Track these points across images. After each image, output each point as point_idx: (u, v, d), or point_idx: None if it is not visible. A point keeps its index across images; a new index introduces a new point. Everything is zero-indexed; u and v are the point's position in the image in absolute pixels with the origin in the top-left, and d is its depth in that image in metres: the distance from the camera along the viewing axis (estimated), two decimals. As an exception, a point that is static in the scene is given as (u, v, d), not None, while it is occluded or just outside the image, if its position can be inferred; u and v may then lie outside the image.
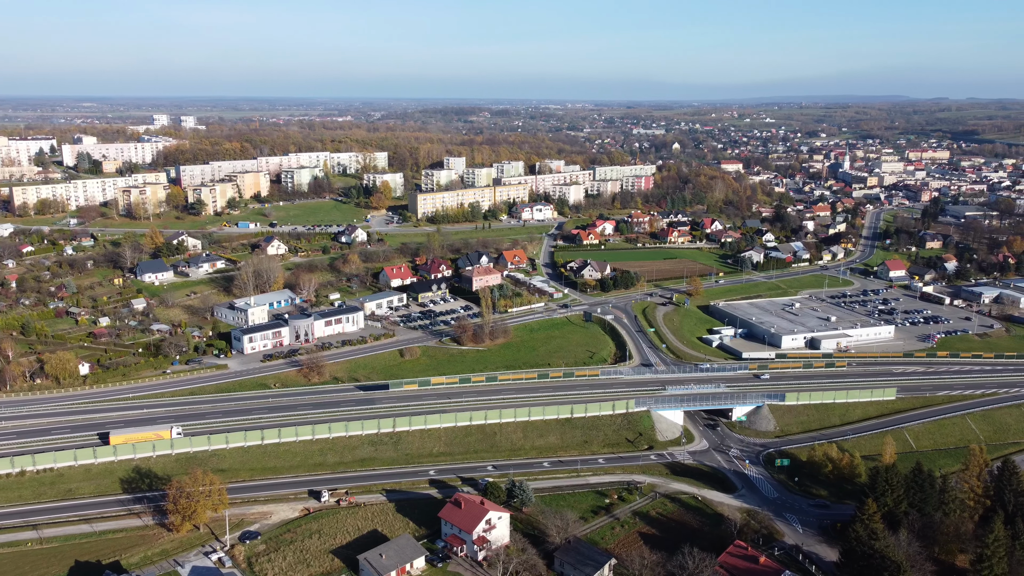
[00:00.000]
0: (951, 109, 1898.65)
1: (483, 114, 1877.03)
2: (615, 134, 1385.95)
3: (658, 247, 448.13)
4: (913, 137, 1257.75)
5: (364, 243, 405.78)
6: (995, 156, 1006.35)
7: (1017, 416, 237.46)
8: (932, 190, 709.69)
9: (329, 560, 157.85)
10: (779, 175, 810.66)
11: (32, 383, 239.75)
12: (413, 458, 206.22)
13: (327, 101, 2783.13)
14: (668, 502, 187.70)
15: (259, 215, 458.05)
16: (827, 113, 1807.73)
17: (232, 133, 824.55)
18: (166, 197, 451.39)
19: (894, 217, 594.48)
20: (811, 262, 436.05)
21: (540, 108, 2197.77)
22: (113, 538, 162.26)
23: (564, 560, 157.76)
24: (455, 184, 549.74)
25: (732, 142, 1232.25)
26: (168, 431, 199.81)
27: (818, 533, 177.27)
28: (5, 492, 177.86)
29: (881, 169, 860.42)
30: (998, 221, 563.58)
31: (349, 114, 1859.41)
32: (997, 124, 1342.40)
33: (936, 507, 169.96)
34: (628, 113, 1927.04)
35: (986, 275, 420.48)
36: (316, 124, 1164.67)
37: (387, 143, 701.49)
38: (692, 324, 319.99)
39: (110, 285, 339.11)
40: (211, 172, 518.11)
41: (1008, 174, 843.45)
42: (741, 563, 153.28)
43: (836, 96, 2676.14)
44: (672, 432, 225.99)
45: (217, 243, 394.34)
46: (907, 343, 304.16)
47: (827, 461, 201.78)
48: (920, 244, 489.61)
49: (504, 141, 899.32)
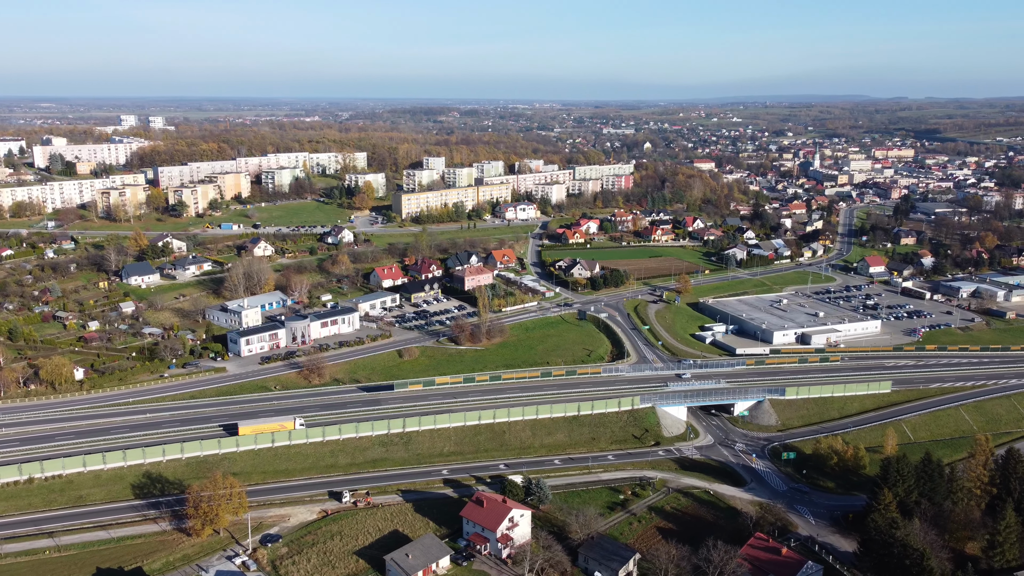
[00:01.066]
0: (912, 108, 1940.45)
1: (452, 114, 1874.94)
2: (586, 134, 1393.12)
3: (643, 245, 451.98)
4: (878, 136, 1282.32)
5: (351, 244, 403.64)
6: (958, 154, 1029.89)
7: (1008, 407, 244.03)
8: (901, 188, 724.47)
9: (354, 561, 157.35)
10: (752, 174, 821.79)
11: (27, 389, 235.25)
12: (424, 458, 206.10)
13: (293, 101, 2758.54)
14: (681, 497, 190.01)
15: (242, 216, 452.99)
16: (792, 113, 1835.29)
17: (204, 133, 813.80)
18: (146, 199, 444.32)
19: (867, 214, 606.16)
20: (792, 259, 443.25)
21: (509, 108, 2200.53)
22: (132, 544, 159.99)
23: (589, 556, 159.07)
24: (437, 184, 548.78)
25: (702, 141, 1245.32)
26: (292, 422, 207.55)
27: (830, 524, 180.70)
28: (15, 500, 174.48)
29: (850, 167, 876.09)
30: (967, 218, 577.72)
31: (316, 114, 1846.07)
32: (958, 123, 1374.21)
33: (945, 496, 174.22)
34: (597, 113, 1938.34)
35: (961, 270, 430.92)
36: (286, 124, 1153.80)
37: (364, 143, 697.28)
38: (684, 321, 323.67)
39: (95, 288, 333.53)
40: (189, 173, 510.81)
41: (972, 172, 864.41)
42: (763, 555, 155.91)
43: (799, 96, 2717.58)
44: (677, 428, 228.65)
45: (202, 245, 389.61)
46: (893, 337, 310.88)
47: (832, 453, 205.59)
48: (895, 240, 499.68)
49: (478, 141, 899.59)
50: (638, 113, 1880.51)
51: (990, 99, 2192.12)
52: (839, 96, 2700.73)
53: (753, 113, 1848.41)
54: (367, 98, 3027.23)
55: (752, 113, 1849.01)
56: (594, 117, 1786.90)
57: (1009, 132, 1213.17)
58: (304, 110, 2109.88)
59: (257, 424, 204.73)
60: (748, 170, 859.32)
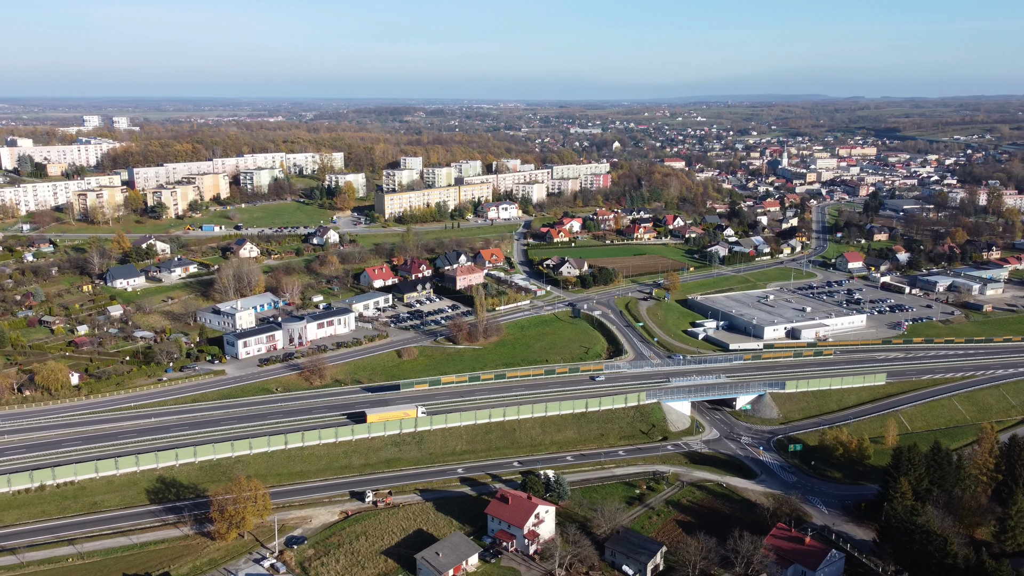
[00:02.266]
0: (870, 107, 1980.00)
1: (418, 114, 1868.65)
2: (553, 133, 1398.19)
3: (626, 244, 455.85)
4: (840, 134, 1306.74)
5: (337, 244, 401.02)
6: (918, 152, 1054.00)
7: (997, 396, 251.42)
8: (869, 185, 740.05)
9: (383, 561, 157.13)
10: (723, 172, 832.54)
11: (21, 396, 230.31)
12: (437, 457, 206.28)
13: (254, 101, 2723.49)
14: (696, 490, 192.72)
15: (222, 218, 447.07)
16: (754, 112, 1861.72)
17: (172, 134, 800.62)
18: (124, 200, 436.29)
19: (839, 211, 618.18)
20: (772, 255, 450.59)
21: (474, 108, 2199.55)
22: (156, 550, 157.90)
23: (616, 550, 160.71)
24: (417, 184, 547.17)
25: (669, 140, 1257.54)
26: (415, 409, 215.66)
27: (843, 513, 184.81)
28: (28, 508, 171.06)
29: (816, 165, 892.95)
30: (935, 214, 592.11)
31: (280, 114, 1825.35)
32: (916, 122, 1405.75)
33: (953, 483, 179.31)
34: (562, 112, 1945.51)
35: (935, 265, 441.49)
36: (253, 125, 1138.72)
37: (340, 144, 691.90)
38: (675, 318, 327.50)
39: (79, 292, 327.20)
40: (165, 174, 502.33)
41: (934, 169, 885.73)
42: (787, 544, 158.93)
43: (760, 96, 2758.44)
44: (682, 423, 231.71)
45: (185, 247, 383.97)
46: (879, 331, 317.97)
47: (838, 445, 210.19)
48: (868, 237, 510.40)
49: (450, 141, 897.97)
50: (603, 113, 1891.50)
51: (944, 98, 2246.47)
52: (798, 96, 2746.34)
53: (716, 112, 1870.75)
54: (330, 98, 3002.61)
55: (715, 112, 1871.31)
56: (560, 117, 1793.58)
57: (966, 131, 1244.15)
58: (267, 110, 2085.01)
59: (384, 412, 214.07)
60: (718, 169, 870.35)
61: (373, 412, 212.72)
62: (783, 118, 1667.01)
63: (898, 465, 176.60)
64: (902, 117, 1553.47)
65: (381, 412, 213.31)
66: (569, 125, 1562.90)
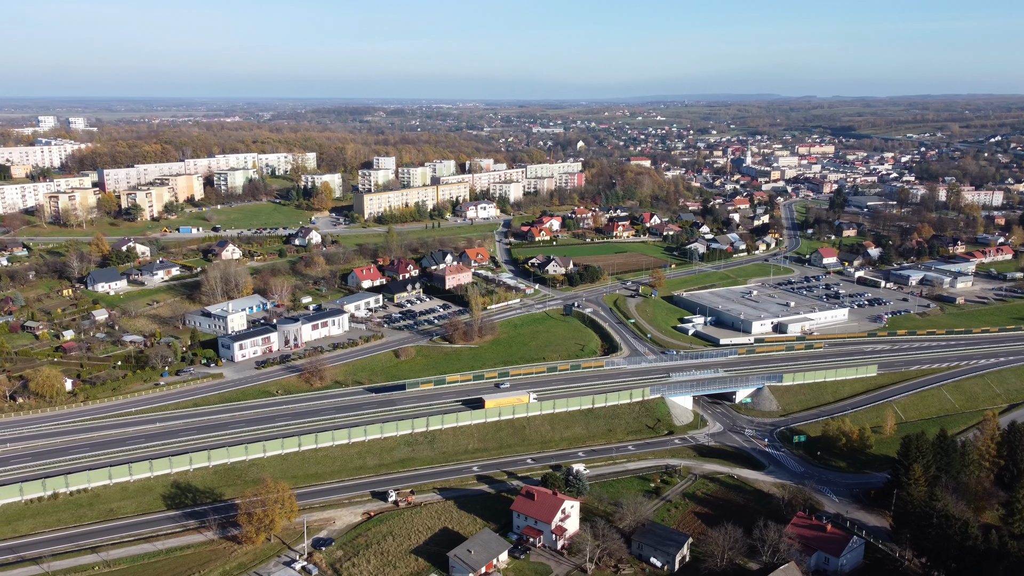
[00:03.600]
0: (823, 106, 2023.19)
1: (379, 114, 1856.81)
2: (516, 133, 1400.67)
3: (607, 242, 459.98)
4: (797, 133, 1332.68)
5: (319, 245, 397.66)
6: (874, 150, 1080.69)
7: (983, 385, 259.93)
8: (831, 183, 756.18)
9: (413, 560, 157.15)
10: (689, 171, 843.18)
11: (15, 403, 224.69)
12: (450, 456, 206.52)
13: (208, 101, 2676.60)
14: (708, 482, 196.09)
15: (199, 219, 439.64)
16: (712, 111, 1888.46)
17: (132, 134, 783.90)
18: (97, 202, 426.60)
19: (806, 208, 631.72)
20: (749, 252, 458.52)
21: (434, 108, 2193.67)
22: (183, 555, 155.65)
23: (643, 542, 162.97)
24: (393, 184, 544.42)
25: (632, 140, 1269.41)
26: (527, 396, 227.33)
27: (853, 501, 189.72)
28: (43, 516, 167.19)
29: (779, 164, 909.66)
30: (899, 210, 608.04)
31: (236, 114, 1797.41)
32: (870, 120, 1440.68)
33: (959, 470, 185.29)
34: (522, 112, 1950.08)
35: (905, 259, 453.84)
36: (214, 125, 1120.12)
37: (310, 144, 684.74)
38: (664, 314, 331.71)
39: (59, 297, 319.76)
40: (136, 176, 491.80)
41: (892, 166, 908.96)
42: (809, 532, 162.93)
43: (716, 95, 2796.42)
44: (686, 417, 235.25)
45: (164, 249, 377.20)
46: (861, 324, 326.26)
47: (841, 435, 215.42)
48: (837, 233, 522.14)
49: (418, 140, 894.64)
50: (563, 112, 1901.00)
51: (892, 97, 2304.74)
52: (753, 95, 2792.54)
53: (675, 112, 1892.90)
54: (285, 98, 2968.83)
55: (674, 112, 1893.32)
56: (521, 116, 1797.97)
57: (918, 129, 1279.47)
58: (223, 111, 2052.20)
59: (500, 397, 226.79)
60: (684, 167, 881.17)
61: (491, 398, 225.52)
62: (740, 117, 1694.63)
63: (907, 453, 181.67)
64: (855, 116, 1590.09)
65: (497, 398, 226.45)
66: (531, 125, 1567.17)
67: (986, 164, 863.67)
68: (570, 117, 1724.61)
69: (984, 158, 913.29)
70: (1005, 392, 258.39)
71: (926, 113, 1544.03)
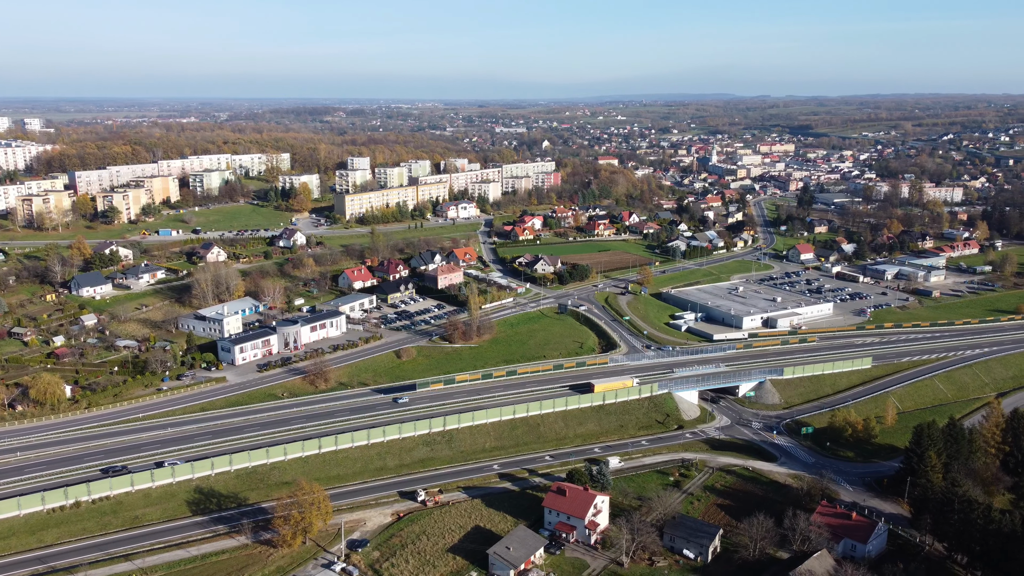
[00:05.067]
0: (779, 106, 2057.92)
1: (338, 114, 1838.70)
2: (480, 132, 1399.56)
3: (589, 240, 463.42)
4: (756, 132, 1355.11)
5: (304, 247, 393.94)
6: (833, 148, 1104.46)
7: (971, 375, 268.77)
8: (797, 180, 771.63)
9: (451, 559, 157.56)
10: (657, 170, 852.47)
11: (15, 411, 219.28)
12: (469, 455, 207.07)
13: (161, 102, 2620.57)
14: (725, 475, 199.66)
15: (177, 222, 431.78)
16: (671, 111, 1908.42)
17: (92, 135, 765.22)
18: (72, 205, 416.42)
19: (775, 206, 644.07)
20: (727, 249, 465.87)
21: (393, 107, 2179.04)
22: (219, 561, 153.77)
23: (675, 535, 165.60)
24: (370, 185, 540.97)
25: (596, 139, 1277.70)
26: (631, 380, 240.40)
27: (866, 490, 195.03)
28: (67, 526, 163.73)
29: (743, 162, 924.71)
30: (865, 206, 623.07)
31: (192, 115, 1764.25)
32: (826, 120, 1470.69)
33: (967, 456, 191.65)
34: (483, 112, 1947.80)
35: (878, 254, 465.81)
36: (174, 126, 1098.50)
37: (282, 144, 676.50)
38: (655, 311, 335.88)
39: (43, 302, 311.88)
40: (109, 178, 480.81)
41: (852, 164, 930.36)
42: (835, 520, 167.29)
43: (673, 95, 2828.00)
44: (693, 412, 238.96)
45: (147, 252, 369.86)
46: (846, 318, 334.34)
47: (847, 425, 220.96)
48: (809, 229, 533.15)
49: (385, 140, 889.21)
50: (524, 112, 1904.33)
51: (844, 97, 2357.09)
52: (709, 95, 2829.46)
53: (635, 112, 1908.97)
54: (240, 98, 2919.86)
55: (634, 111, 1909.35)
56: (482, 116, 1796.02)
57: (873, 127, 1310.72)
58: (176, 111, 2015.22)
59: (608, 382, 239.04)
60: (651, 166, 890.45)
61: (600, 383, 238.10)
62: (699, 116, 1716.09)
63: (919, 441, 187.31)
64: (811, 115, 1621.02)
65: (606, 383, 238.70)
66: (494, 124, 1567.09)
67: (941, 161, 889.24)
68: (532, 117, 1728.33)
69: (939, 155, 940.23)
70: (993, 381, 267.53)
71: (879, 112, 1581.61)
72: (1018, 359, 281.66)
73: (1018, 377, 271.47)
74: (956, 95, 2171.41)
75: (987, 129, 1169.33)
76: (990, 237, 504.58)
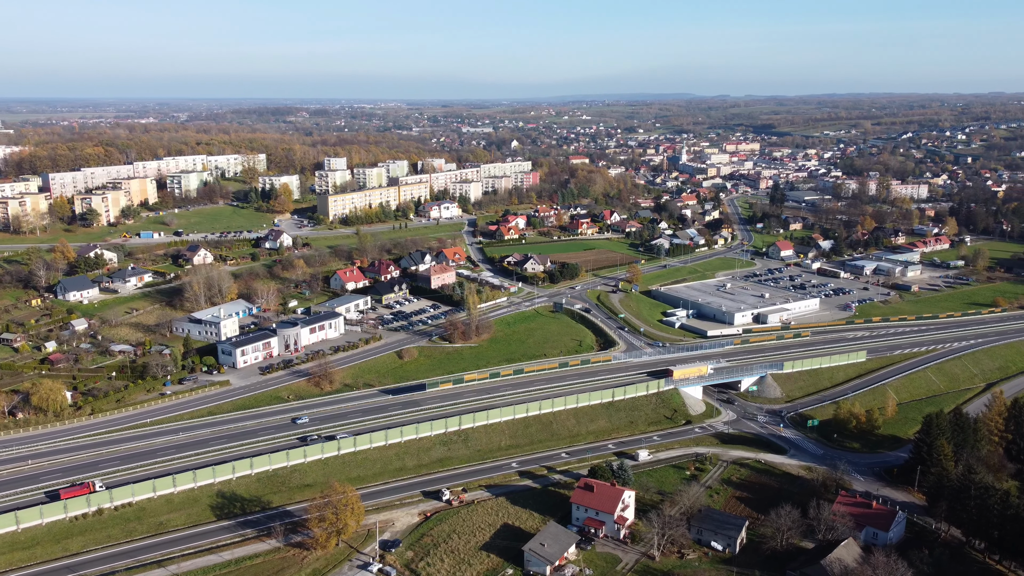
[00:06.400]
0: (739, 105, 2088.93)
1: (301, 114, 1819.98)
2: (447, 132, 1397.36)
3: (574, 239, 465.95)
4: (721, 131, 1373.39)
5: (291, 248, 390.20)
6: (797, 147, 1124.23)
7: (961, 366, 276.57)
8: (767, 178, 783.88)
9: (485, 557, 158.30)
10: (628, 169, 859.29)
11: (15, 418, 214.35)
12: (485, 453, 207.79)
13: (116, 102, 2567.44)
14: (739, 468, 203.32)
15: (158, 224, 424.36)
16: (634, 110, 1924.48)
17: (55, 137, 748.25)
18: (49, 208, 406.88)
19: (749, 204, 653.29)
20: (709, 247, 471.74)
21: (356, 107, 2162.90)
22: (253, 565, 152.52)
23: (702, 527, 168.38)
24: (351, 185, 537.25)
25: (564, 139, 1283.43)
26: (705, 367, 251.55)
27: (876, 479, 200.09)
28: (92, 533, 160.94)
29: (712, 161, 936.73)
30: (835, 203, 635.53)
31: (150, 115, 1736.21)
32: (788, 119, 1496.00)
33: (973, 444, 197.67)
34: (448, 112, 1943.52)
35: (854, 251, 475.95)
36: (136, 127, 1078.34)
37: (256, 145, 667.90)
38: (647, 308, 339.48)
39: (28, 307, 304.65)
40: (83, 179, 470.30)
41: (818, 163, 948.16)
42: (856, 509, 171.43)
43: (636, 94, 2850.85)
44: (699, 407, 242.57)
45: (131, 255, 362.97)
46: (832, 313, 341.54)
47: (851, 417, 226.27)
48: (785, 227, 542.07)
49: (355, 140, 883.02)
50: (489, 112, 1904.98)
51: (803, 96, 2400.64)
52: (670, 95, 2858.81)
53: (599, 111, 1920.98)
54: (198, 98, 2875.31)
55: (598, 111, 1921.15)
56: (447, 116, 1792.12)
57: (833, 126, 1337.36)
58: (134, 111, 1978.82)
59: (686, 368, 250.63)
60: (622, 166, 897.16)
61: (678, 368, 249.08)
62: (663, 116, 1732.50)
63: (929, 430, 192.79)
64: (772, 114, 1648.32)
65: (684, 368, 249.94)
66: (459, 124, 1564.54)
67: (903, 159, 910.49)
68: (497, 116, 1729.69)
69: (900, 154, 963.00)
70: (981, 372, 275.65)
71: (838, 111, 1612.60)
72: (1003, 350, 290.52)
73: (1004, 368, 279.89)
74: (909, 94, 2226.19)
75: (944, 128, 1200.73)
76: (959, 233, 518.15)
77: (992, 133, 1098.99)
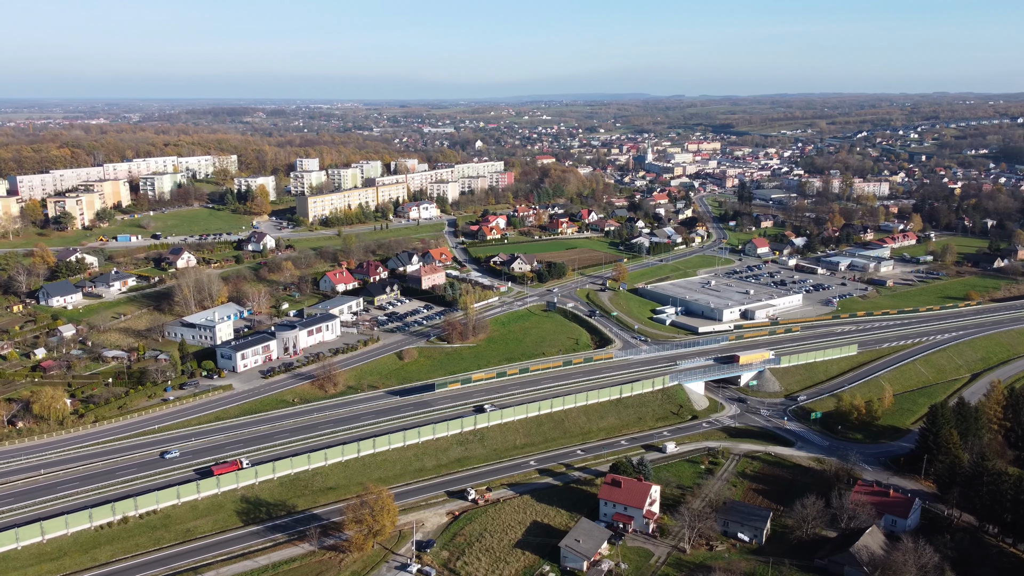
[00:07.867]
0: (695, 105, 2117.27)
1: (258, 114, 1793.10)
2: (408, 133, 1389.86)
3: (554, 238, 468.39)
4: (681, 131, 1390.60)
5: (275, 250, 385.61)
6: (756, 146, 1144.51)
7: (947, 358, 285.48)
8: (733, 177, 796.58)
9: (520, 554, 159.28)
10: (596, 168, 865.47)
11: (15, 428, 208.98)
12: (502, 452, 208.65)
13: (63, 102, 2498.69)
14: (751, 461, 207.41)
15: (134, 227, 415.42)
16: (593, 110, 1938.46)
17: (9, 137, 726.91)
18: (20, 211, 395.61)
19: (718, 202, 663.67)
20: (687, 245, 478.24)
21: (312, 108, 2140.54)
22: (291, 569, 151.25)
23: (728, 519, 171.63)
24: (327, 186, 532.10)
25: (527, 139, 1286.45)
26: (767, 352, 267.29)
27: (883, 469, 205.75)
28: (119, 542, 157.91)
29: (676, 160, 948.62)
30: (801, 201, 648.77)
31: (100, 116, 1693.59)
32: (745, 118, 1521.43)
33: (974, 433, 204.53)
34: (407, 112, 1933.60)
35: (826, 247, 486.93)
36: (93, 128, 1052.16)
37: (225, 146, 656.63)
38: (637, 306, 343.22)
39: (10, 313, 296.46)
40: (52, 182, 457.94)
41: (779, 161, 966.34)
42: (874, 499, 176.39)
43: (592, 95, 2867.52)
44: (702, 402, 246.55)
45: (111, 259, 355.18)
46: (816, 308, 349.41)
47: (853, 409, 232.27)
48: (756, 224, 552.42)
49: (319, 141, 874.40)
50: (449, 112, 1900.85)
51: (756, 96, 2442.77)
52: (627, 95, 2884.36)
53: (559, 111, 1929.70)
54: (150, 99, 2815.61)
55: (558, 111, 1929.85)
56: (407, 116, 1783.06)
57: (790, 125, 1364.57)
58: (83, 112, 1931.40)
59: (751, 354, 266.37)
60: (588, 165, 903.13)
61: (744, 355, 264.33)
62: (622, 116, 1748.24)
63: (935, 420, 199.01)
64: (728, 114, 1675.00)
65: (748, 355, 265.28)
66: (420, 124, 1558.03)
67: (860, 158, 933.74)
68: (457, 116, 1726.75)
69: (857, 152, 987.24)
70: (966, 363, 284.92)
71: (793, 111, 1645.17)
72: (984, 342, 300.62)
73: (987, 359, 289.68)
74: (859, 94, 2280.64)
75: (896, 127, 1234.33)
76: (924, 229, 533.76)
77: (943, 132, 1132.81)
